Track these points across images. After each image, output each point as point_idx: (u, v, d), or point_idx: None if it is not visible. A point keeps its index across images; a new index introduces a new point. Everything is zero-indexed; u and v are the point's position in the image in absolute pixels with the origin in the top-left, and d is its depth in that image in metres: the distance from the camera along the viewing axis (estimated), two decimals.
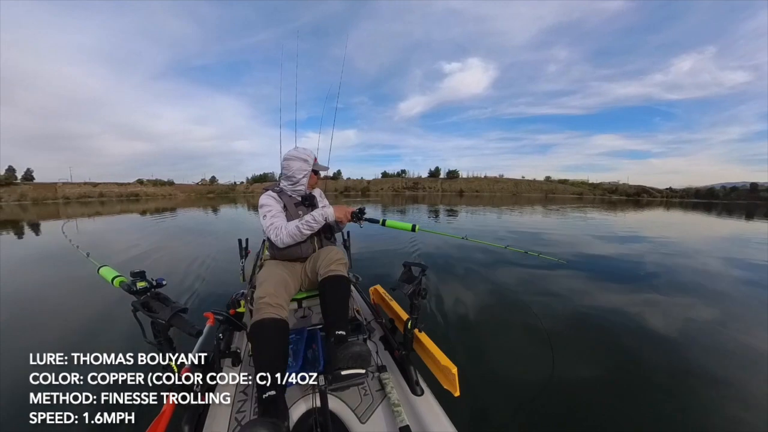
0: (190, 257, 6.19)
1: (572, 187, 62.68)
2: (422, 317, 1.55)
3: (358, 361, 1.30)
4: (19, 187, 46.16)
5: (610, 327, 3.34)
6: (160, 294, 1.22)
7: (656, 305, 4.03)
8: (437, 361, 1.43)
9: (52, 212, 22.61)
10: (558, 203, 30.49)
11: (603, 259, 6.47)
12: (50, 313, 3.70)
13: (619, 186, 60.56)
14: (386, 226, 1.86)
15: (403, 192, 62.71)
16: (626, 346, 3.00)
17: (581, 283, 4.83)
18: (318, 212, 1.65)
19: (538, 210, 20.39)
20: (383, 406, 1.33)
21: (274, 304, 1.37)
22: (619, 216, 17.67)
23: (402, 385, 1.44)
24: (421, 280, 1.49)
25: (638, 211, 22.40)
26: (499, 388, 2.32)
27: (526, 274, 5.18)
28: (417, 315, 1.51)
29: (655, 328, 3.33)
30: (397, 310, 1.85)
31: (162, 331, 1.15)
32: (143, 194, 51.82)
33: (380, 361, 1.53)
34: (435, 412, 1.32)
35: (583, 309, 3.80)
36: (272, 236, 1.63)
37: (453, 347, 2.72)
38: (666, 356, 2.83)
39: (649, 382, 2.48)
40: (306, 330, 1.56)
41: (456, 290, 4.37)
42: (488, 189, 64.32)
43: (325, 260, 1.56)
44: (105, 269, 1.38)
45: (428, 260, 5.86)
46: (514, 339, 3.11)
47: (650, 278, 5.15)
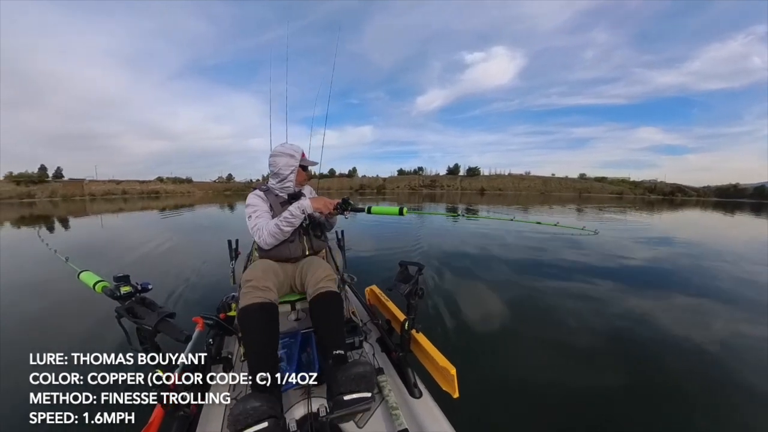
0: (179, 259, 6.10)
1: (611, 186, 58.22)
2: (419, 317, 1.50)
3: (362, 384, 1.17)
4: (51, 185, 48.65)
5: (629, 332, 3.19)
6: (146, 299, 1.17)
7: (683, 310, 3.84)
8: (435, 362, 1.39)
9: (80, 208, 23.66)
10: (594, 203, 28.80)
11: (628, 261, 6.20)
12: (48, 314, 3.73)
13: (657, 184, 56.75)
14: (372, 213, 1.77)
15: (420, 190, 61.30)
16: (647, 355, 2.83)
17: (592, 281, 4.68)
18: (294, 206, 1.58)
19: (562, 209, 19.70)
20: (381, 410, 1.29)
21: (262, 287, 1.34)
22: (655, 218, 16.61)
23: (400, 388, 1.41)
24: (417, 280, 1.43)
25: (675, 211, 21.10)
26: (501, 390, 2.27)
27: (528, 272, 5.06)
28: (414, 315, 1.46)
29: (687, 338, 3.08)
30: (393, 310, 1.80)
31: (149, 337, 1.12)
32: (163, 191, 53.57)
33: (377, 363, 1.49)
34: (434, 414, 1.29)
35: (596, 310, 3.68)
36: (256, 237, 1.60)
37: (451, 347, 2.65)
38: (702, 370, 2.61)
39: (673, 394, 2.32)
40: (300, 333, 1.53)
41: (454, 289, 4.29)
42: (513, 187, 61.29)
43: (313, 278, 1.48)
44: (86, 274, 1.33)
45: (425, 259, 5.79)
46: (516, 339, 3.04)
47: (680, 285, 4.87)
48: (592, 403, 2.17)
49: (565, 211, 18.67)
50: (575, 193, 54.80)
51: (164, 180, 60.78)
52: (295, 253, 1.67)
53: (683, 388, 2.41)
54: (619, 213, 18.68)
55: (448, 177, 67.72)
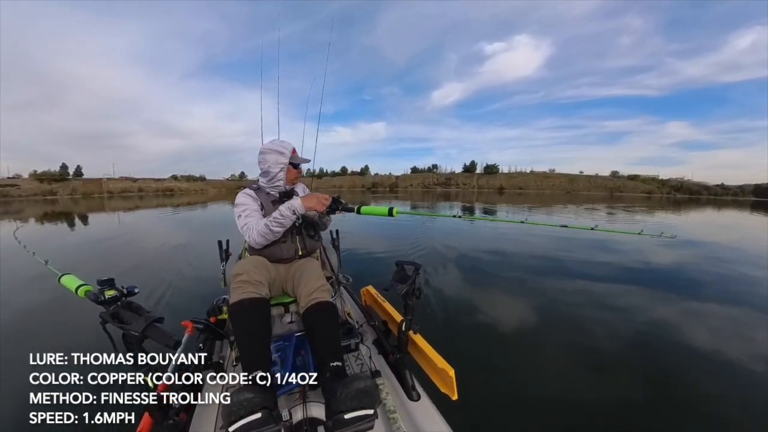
0: (170, 260, 5.97)
1: (642, 185, 54.21)
2: (417, 318, 1.47)
3: (364, 400, 1.09)
4: (71, 183, 50.41)
5: (648, 339, 3.02)
6: (132, 303, 1.15)
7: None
8: (434, 364, 1.35)
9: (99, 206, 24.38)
10: (625, 202, 26.98)
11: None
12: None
13: (684, 183, 53.50)
14: (361, 213, 1.72)
15: (434, 189, 59.68)
16: (669, 367, 2.63)
17: (608, 283, 4.53)
18: (284, 206, 1.53)
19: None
20: (378, 413, 1.27)
21: (253, 281, 1.30)
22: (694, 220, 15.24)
23: (397, 391, 1.38)
24: (415, 280, 1.40)
25: (719, 210, 19.56)
26: (501, 391, 2.22)
27: (529, 271, 4.93)
28: (411, 316, 1.43)
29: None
30: (390, 311, 1.77)
31: (136, 343, 1.08)
32: (177, 189, 54.76)
33: (374, 366, 1.46)
34: (433, 417, 1.26)
35: (615, 316, 3.53)
36: (246, 236, 1.57)
37: (450, 348, 2.49)
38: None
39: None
40: (294, 336, 1.49)
41: (453, 289, 4.22)
42: (535, 186, 57.89)
43: (305, 290, 1.44)
44: (67, 277, 1.29)
45: (422, 259, 5.69)
46: (517, 340, 2.97)
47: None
48: (601, 411, 2.09)
49: (578, 211, 17.87)
50: (606, 192, 50.99)
51: (178, 178, 62.08)
52: (288, 253, 1.64)
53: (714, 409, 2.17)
54: (647, 214, 17.46)
55: (464, 175, 65.79)
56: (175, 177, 62.41)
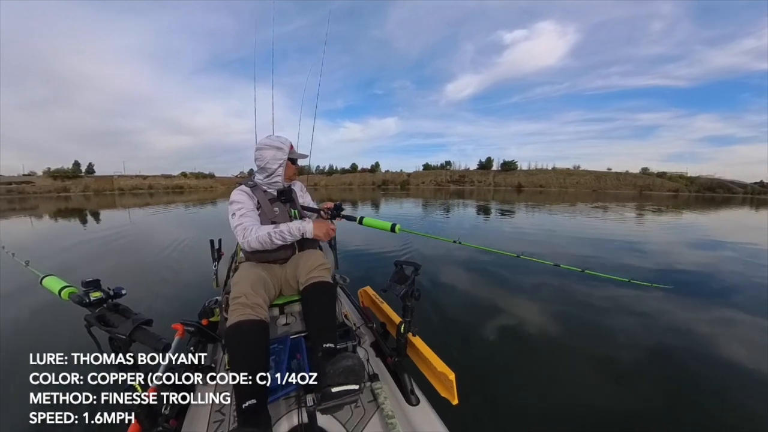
0: (159, 260, 5.88)
1: (669, 183, 51.22)
2: (416, 320, 1.44)
3: (350, 376, 1.16)
4: (83, 180, 51.52)
5: (669, 347, 2.87)
6: (120, 305, 1.11)
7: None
8: (433, 367, 1.33)
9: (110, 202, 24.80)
10: (653, 202, 25.18)
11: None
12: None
13: (714, 180, 50.42)
14: (363, 224, 1.71)
15: (447, 186, 57.71)
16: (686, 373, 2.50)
17: (599, 286, 4.38)
18: (296, 226, 1.49)
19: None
20: (376, 419, 1.24)
21: (252, 304, 1.27)
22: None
23: (396, 395, 1.36)
24: (414, 280, 1.37)
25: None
26: (503, 395, 2.17)
27: (531, 272, 4.81)
28: (410, 318, 1.41)
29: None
30: (388, 313, 1.74)
31: (123, 347, 1.05)
32: (186, 186, 55.46)
33: (372, 369, 1.43)
34: (432, 422, 1.24)
35: (629, 319, 3.42)
36: (239, 238, 1.50)
37: (450, 352, 2.54)
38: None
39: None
40: (289, 338, 1.47)
41: (453, 290, 4.16)
42: (557, 184, 54.71)
43: (305, 266, 1.43)
44: (49, 279, 1.24)
45: (421, 259, 5.59)
46: (518, 341, 2.92)
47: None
48: (605, 420, 2.02)
49: (591, 211, 16.83)
50: (635, 190, 47.78)
51: (188, 175, 62.79)
52: (284, 255, 1.62)
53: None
54: (675, 215, 15.45)
55: (479, 172, 63.72)
56: (185, 174, 63.14)
